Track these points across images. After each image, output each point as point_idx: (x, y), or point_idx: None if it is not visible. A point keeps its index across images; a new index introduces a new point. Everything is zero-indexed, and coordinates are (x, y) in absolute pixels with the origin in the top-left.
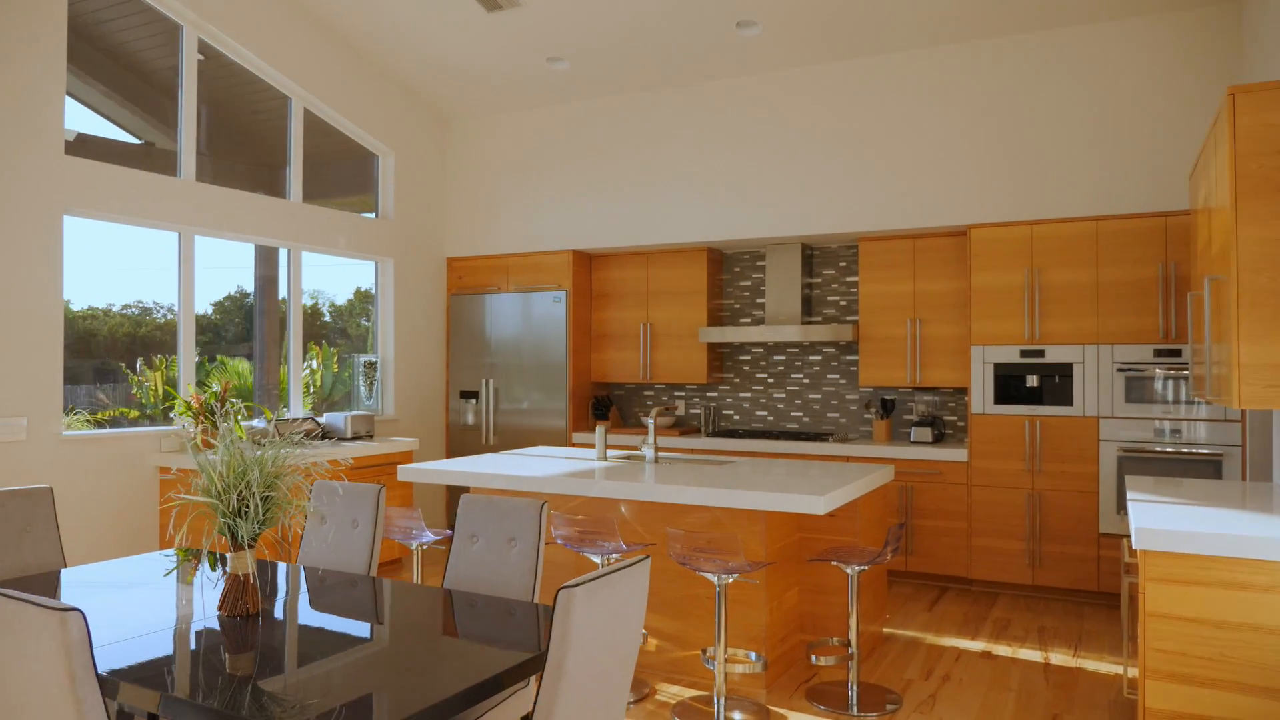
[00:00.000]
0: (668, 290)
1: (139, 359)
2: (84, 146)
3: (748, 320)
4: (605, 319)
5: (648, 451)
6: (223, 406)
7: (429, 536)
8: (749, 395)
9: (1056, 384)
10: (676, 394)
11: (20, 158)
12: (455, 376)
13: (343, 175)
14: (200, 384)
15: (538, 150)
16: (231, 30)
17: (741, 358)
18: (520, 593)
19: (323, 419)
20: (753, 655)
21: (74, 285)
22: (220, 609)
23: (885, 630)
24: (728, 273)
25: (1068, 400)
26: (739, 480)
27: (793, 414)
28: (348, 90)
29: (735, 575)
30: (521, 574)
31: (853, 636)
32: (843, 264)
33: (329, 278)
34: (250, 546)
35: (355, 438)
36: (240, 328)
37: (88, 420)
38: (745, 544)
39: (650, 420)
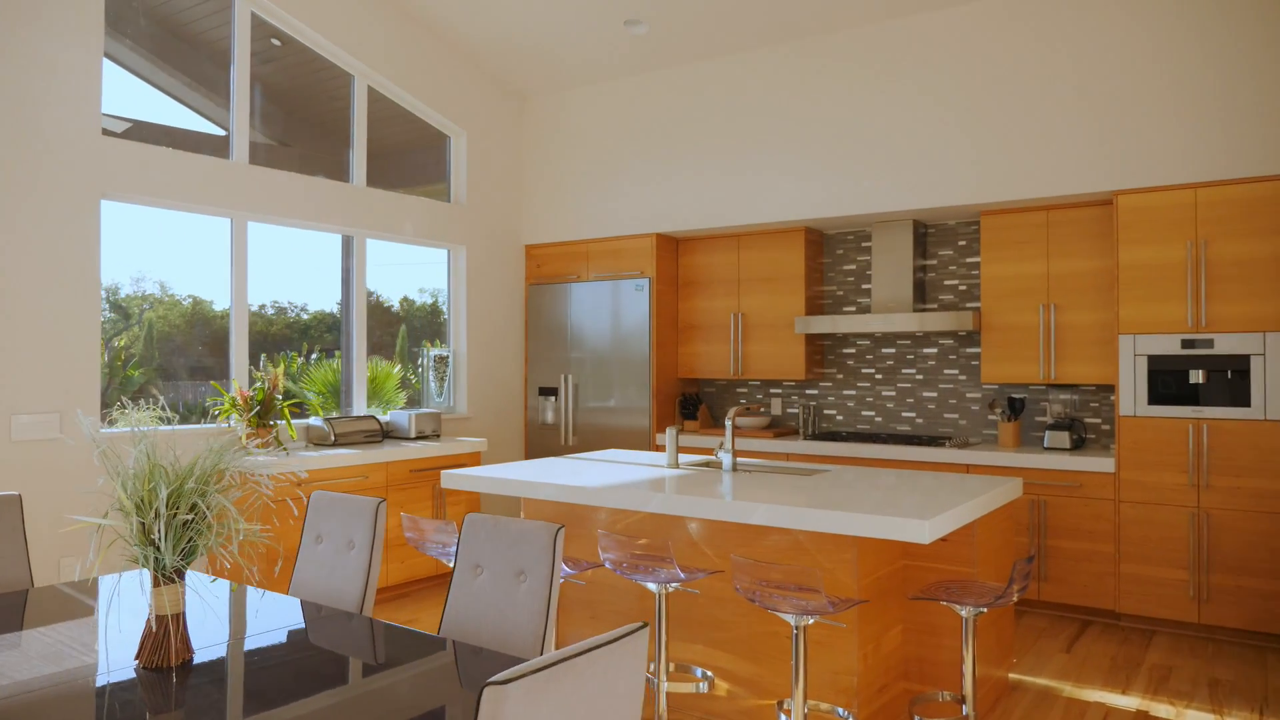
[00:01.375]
0: (761, 276)
1: (261, 355)
2: (166, 136)
3: (852, 308)
4: (693, 309)
5: (724, 458)
6: (267, 404)
7: None
8: (853, 393)
9: (1229, 380)
10: (772, 391)
11: (55, 139)
12: (534, 372)
13: (412, 165)
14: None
15: (617, 126)
16: (287, 3)
17: (845, 351)
18: (527, 641)
19: (386, 417)
20: (840, 711)
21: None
22: (138, 658)
23: (1011, 677)
24: (829, 255)
25: (1243, 400)
26: (827, 496)
27: (904, 415)
28: (414, 67)
29: (815, 617)
30: (530, 617)
31: (968, 690)
32: (961, 242)
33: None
34: (173, 580)
35: (420, 437)
36: (370, 328)
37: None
38: (832, 575)
39: (728, 421)
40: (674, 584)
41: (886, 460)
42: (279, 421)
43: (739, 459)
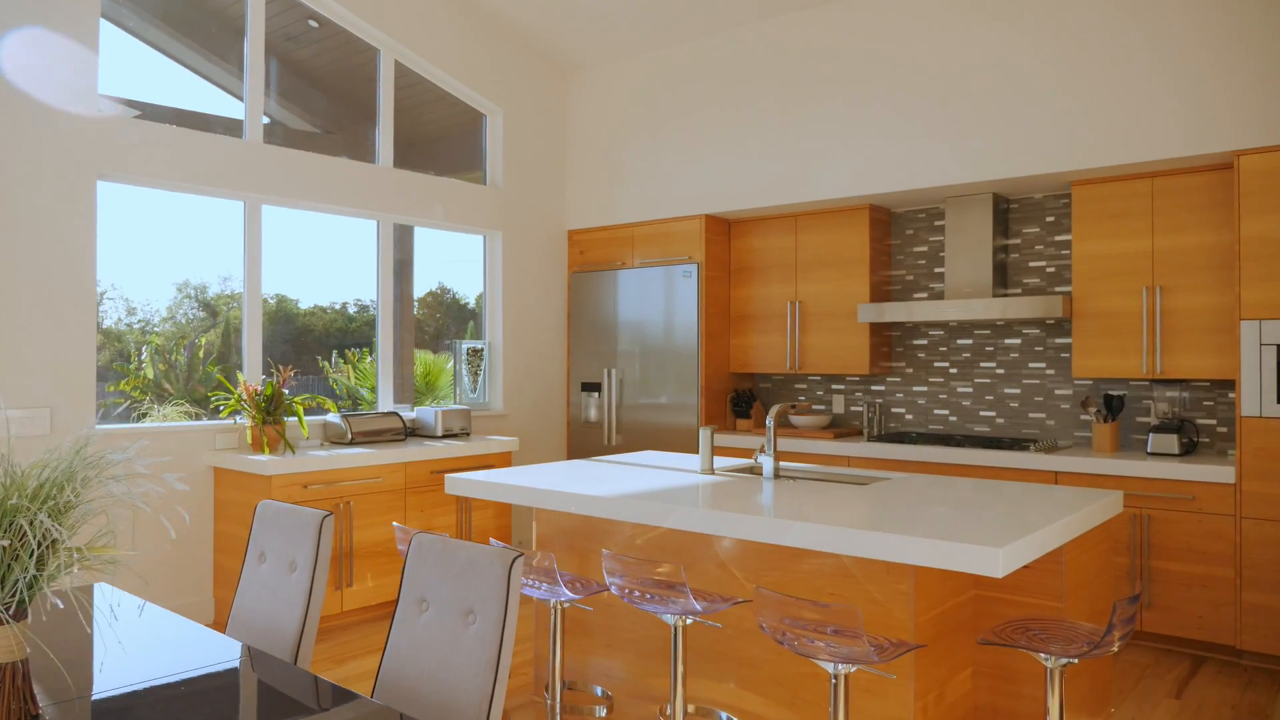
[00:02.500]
0: (821, 260)
1: (333, 352)
2: (185, 119)
3: (923, 294)
4: (746, 297)
5: (765, 463)
6: (276, 400)
7: None
8: (925, 389)
9: None
10: (834, 387)
11: (47, 115)
12: (576, 366)
13: (452, 151)
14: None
15: (664, 98)
16: None
17: (915, 342)
18: (471, 702)
19: (412, 414)
20: None
21: (288, 280)
22: None
23: None
24: (897, 236)
25: None
26: (880, 513)
27: (982, 414)
28: (446, 40)
29: (857, 666)
30: (476, 670)
31: None
32: (1049, 218)
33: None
34: (16, 619)
35: (447, 435)
36: (440, 323)
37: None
38: (884, 609)
39: (770, 421)
40: (691, 617)
41: (961, 466)
42: (290, 419)
43: (786, 464)
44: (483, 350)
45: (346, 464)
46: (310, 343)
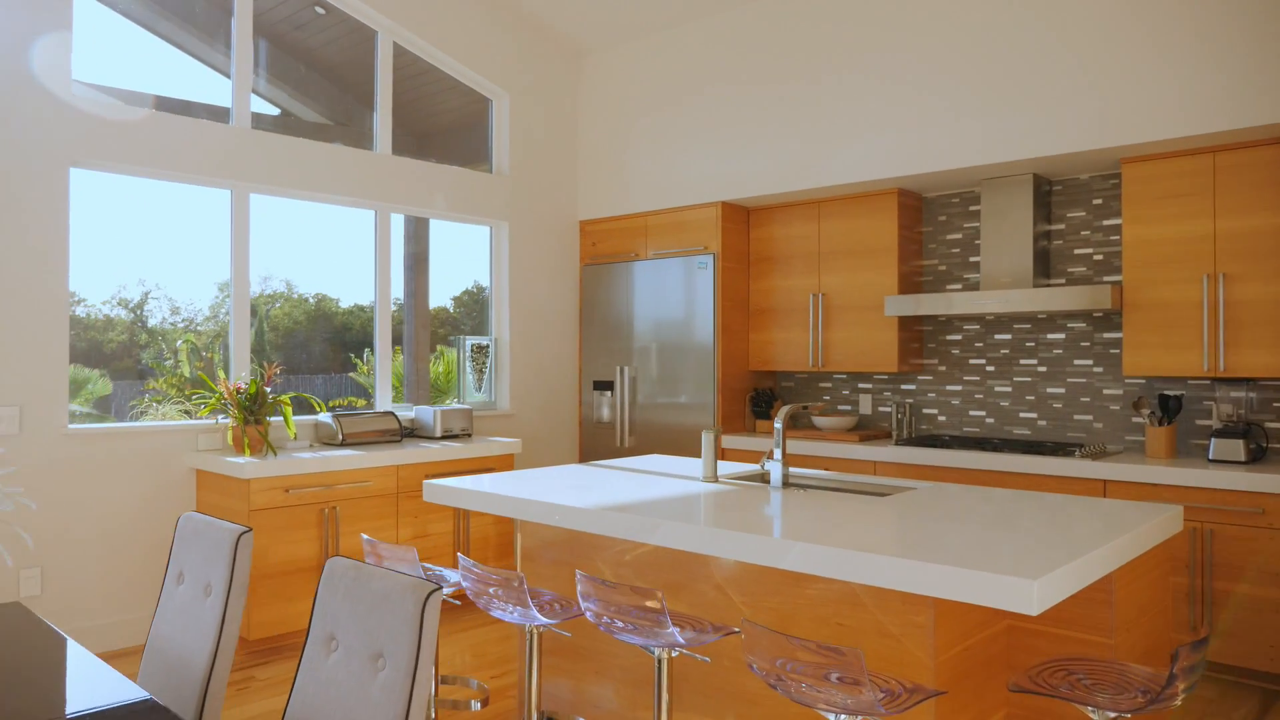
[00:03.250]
0: (846, 249)
1: (366, 349)
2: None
3: (957, 285)
4: (766, 289)
5: (773, 470)
6: (259, 398)
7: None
8: (959, 389)
9: None
10: (861, 386)
11: (14, 98)
12: (589, 363)
13: (464, 142)
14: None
15: (678, 79)
16: None
17: (949, 337)
18: None
19: (411, 414)
20: None
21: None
22: None
23: None
24: (929, 223)
25: None
26: (898, 532)
27: (1022, 415)
28: (448, 21)
29: (861, 717)
30: None
31: None
32: (1096, 200)
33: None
34: None
35: (447, 437)
36: (477, 321)
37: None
38: (899, 644)
39: (777, 424)
40: (676, 650)
41: (999, 473)
42: (275, 418)
43: (800, 470)
44: (488, 347)
45: (332, 466)
46: (349, 341)
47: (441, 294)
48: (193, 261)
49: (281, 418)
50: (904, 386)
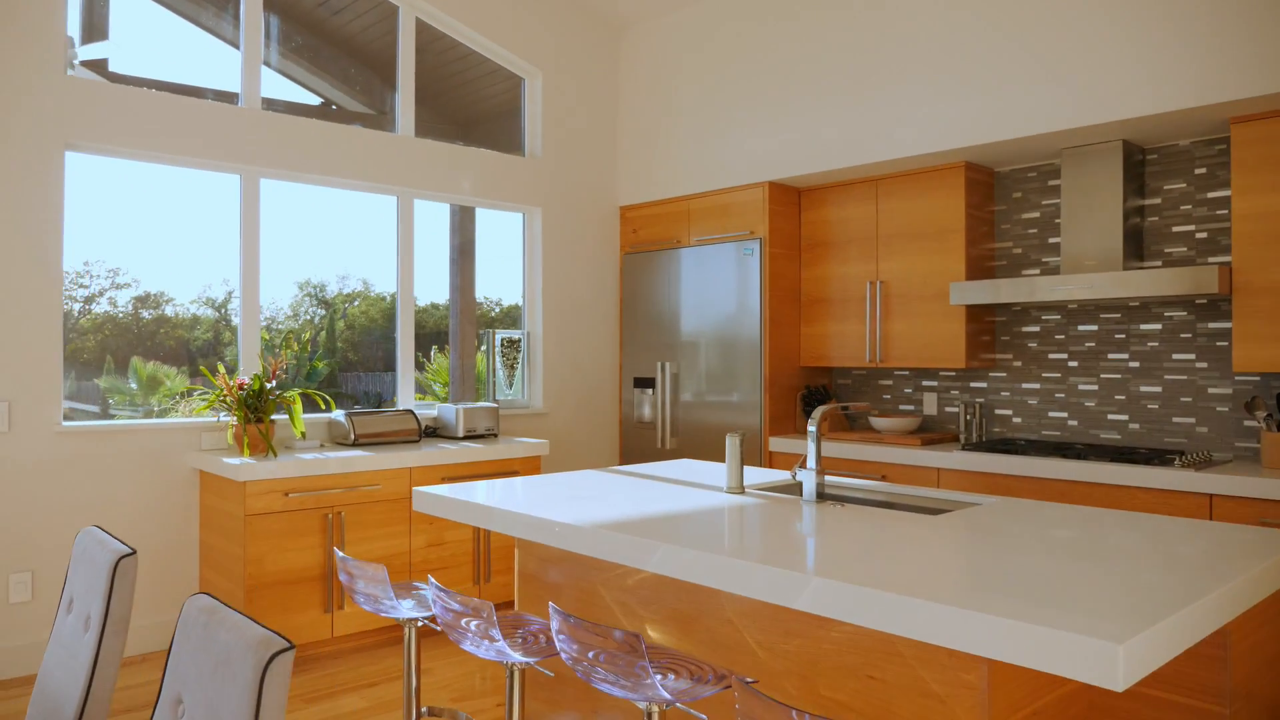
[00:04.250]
0: (907, 231)
1: (433, 347)
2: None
3: (1034, 270)
4: (819, 277)
5: (805, 481)
6: (262, 395)
7: (405, 611)
8: (1036, 387)
9: None
10: (925, 383)
11: (8, 78)
12: (630, 358)
13: (509, 128)
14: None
15: (723, 50)
16: None
17: (1024, 329)
18: None
19: (434, 411)
20: None
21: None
22: None
23: None
24: (1001, 200)
25: None
26: (947, 564)
27: (1110, 417)
28: None
29: None
30: None
31: None
32: (1199, 169)
33: None
34: None
35: (470, 437)
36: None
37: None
38: (945, 708)
39: (812, 428)
40: (661, 704)
41: (1083, 485)
42: (282, 416)
43: (840, 479)
44: (520, 341)
45: (339, 468)
46: (422, 340)
47: (509, 289)
48: (273, 260)
49: (287, 416)
50: (973, 384)
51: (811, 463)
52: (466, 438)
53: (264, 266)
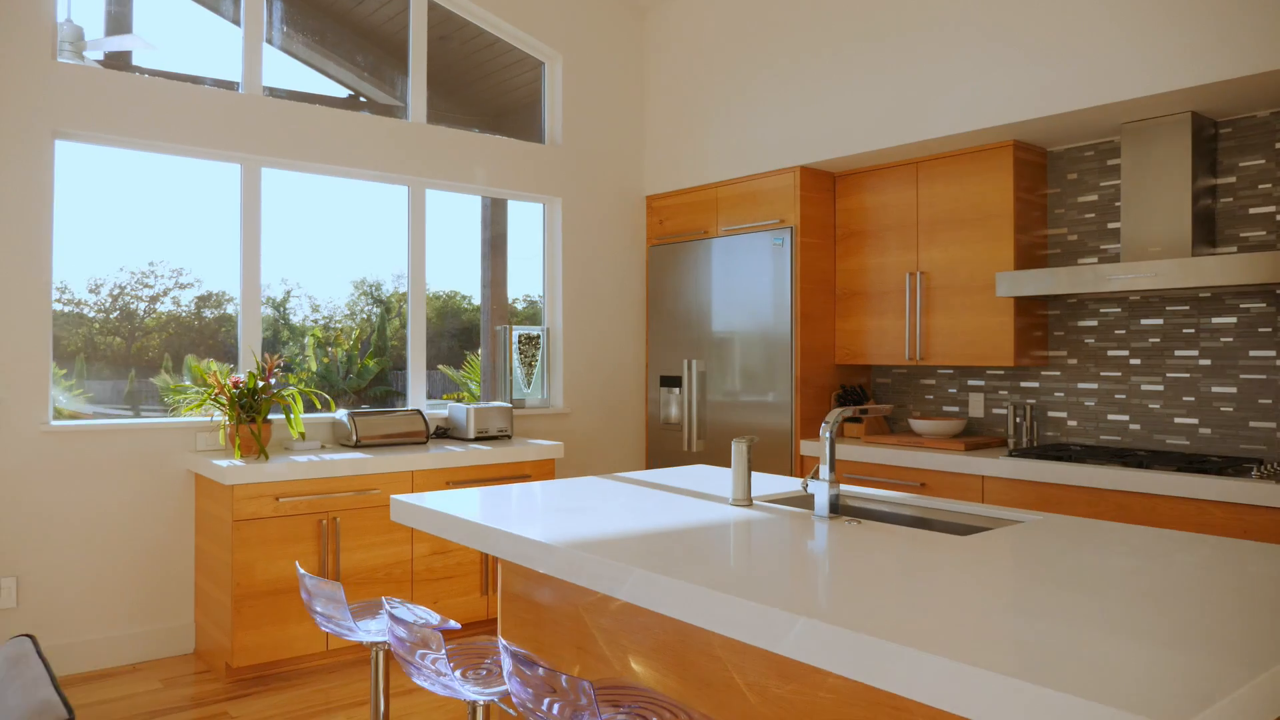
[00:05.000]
0: (950, 217)
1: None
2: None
3: (1091, 259)
4: (855, 269)
5: (818, 492)
6: (254, 394)
7: (364, 634)
8: (1094, 387)
9: None
10: (971, 383)
11: None
12: (656, 355)
13: (534, 120)
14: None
15: (755, 26)
16: None
17: (1081, 323)
18: None
19: (445, 411)
20: None
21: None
22: None
23: None
24: (1055, 183)
25: None
26: (964, 602)
27: (1178, 421)
28: None
29: None
30: None
31: None
32: None
33: None
34: None
35: (481, 438)
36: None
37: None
38: None
39: (826, 433)
40: None
41: (1146, 496)
42: (277, 416)
43: (865, 491)
44: (539, 338)
45: (334, 471)
46: (462, 336)
47: (525, 282)
48: (330, 258)
49: (283, 415)
50: (1023, 384)
51: (825, 473)
52: (478, 439)
53: (321, 265)
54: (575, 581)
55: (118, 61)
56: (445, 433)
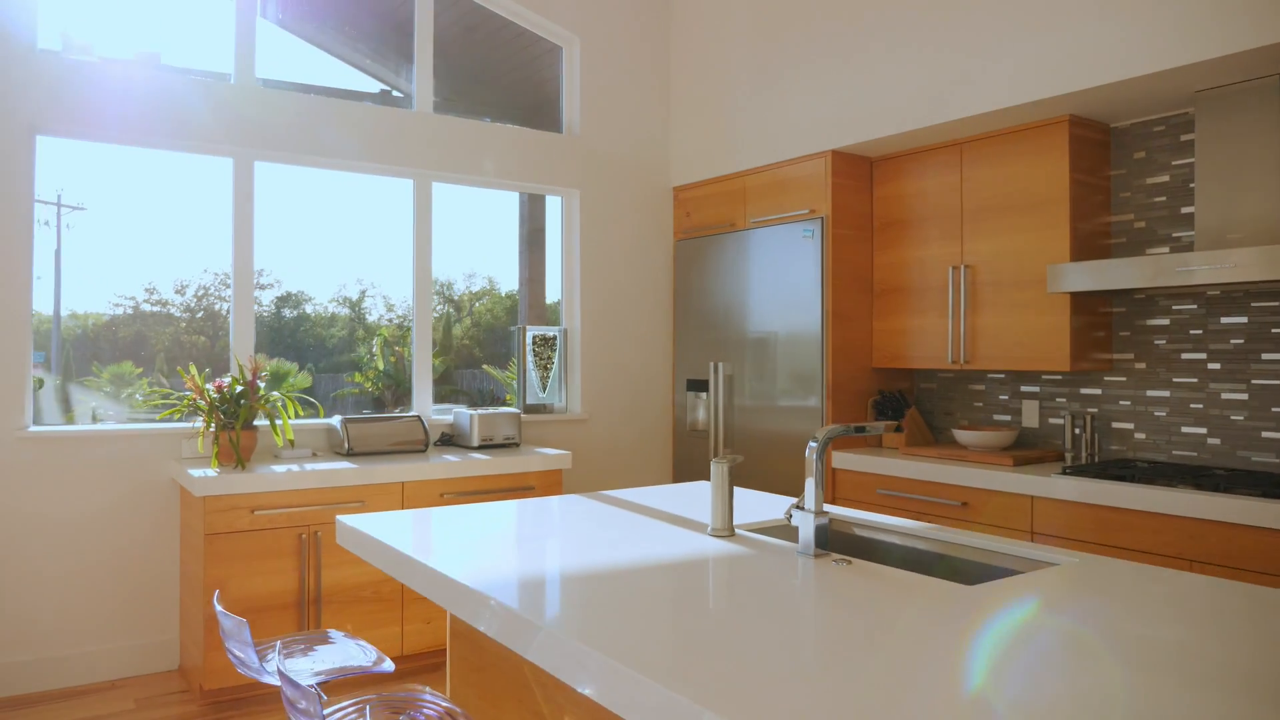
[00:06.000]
0: (997, 203)
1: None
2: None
3: (1161, 248)
4: (893, 262)
5: (801, 524)
6: (235, 399)
7: (270, 678)
8: (1166, 395)
9: None
10: (1024, 389)
11: None
12: (683, 358)
13: (549, 114)
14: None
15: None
16: None
17: (1150, 321)
18: None
19: (450, 417)
20: None
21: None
22: None
23: None
24: (1121, 163)
25: None
26: (950, 689)
27: (1267, 435)
28: None
29: None
30: None
31: None
32: None
33: None
34: None
35: (485, 446)
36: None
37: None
38: None
39: (813, 455)
40: None
41: (1223, 527)
42: (263, 423)
43: (869, 517)
44: (555, 339)
45: (316, 482)
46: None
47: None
48: (400, 258)
49: (269, 422)
50: (1084, 391)
51: (810, 502)
52: (482, 447)
53: (391, 265)
54: (486, 632)
55: (84, 51)
56: (451, 440)
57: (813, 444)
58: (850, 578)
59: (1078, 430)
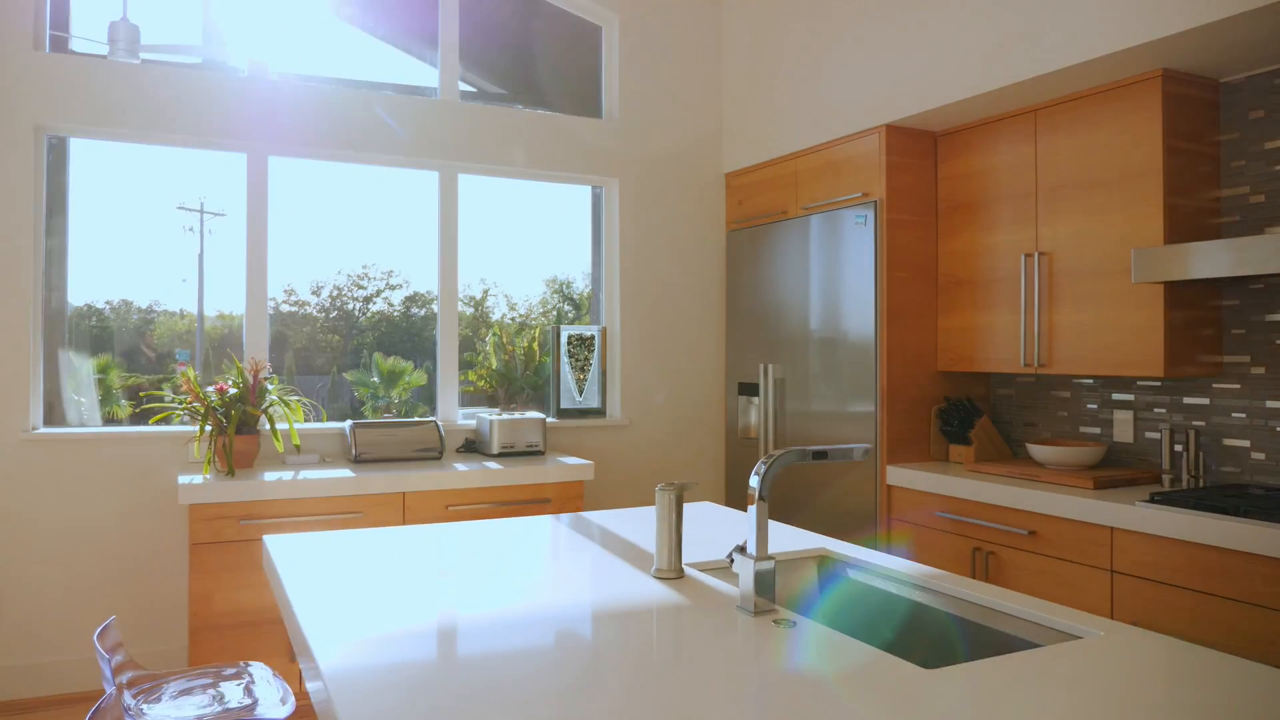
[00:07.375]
0: (1078, 179)
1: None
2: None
3: (1276, 228)
4: (959, 250)
5: (742, 571)
6: (233, 402)
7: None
8: None
9: None
10: (1115, 396)
11: None
12: (735, 359)
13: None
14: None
15: None
16: None
17: (1268, 317)
18: None
19: (473, 423)
20: None
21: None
22: None
23: None
24: (1233, 126)
25: None
26: None
27: None
28: None
29: None
30: None
31: None
32: None
33: None
34: None
35: (506, 453)
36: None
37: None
38: None
39: (756, 483)
40: None
41: None
42: (265, 428)
43: (861, 553)
44: (593, 339)
45: (309, 492)
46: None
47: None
48: (523, 258)
49: (272, 427)
50: (1188, 400)
51: (752, 546)
52: (501, 454)
53: (514, 264)
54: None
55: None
56: (474, 447)
57: (756, 474)
58: (785, 646)
59: (1179, 447)
